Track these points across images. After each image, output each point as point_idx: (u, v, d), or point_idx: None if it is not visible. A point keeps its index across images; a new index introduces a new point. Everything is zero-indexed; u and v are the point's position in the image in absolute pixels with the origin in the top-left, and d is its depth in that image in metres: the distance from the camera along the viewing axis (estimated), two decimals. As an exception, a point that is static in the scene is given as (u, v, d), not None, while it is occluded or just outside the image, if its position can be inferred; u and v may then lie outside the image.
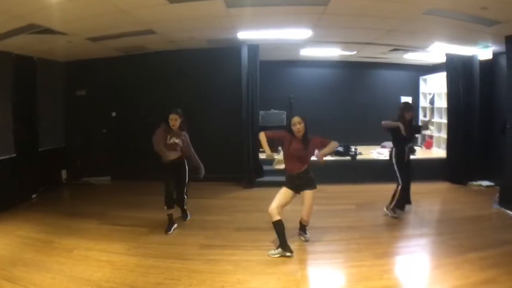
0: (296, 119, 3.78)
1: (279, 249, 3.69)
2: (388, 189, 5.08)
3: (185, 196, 4.79)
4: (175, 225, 4.50)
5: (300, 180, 3.87)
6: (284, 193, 3.84)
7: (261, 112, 7.02)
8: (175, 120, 4.38)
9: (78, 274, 3.31)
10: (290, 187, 3.87)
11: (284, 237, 3.71)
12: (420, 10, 4.17)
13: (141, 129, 4.90)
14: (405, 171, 4.80)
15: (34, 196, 5.89)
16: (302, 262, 3.64)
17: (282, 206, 3.79)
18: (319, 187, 6.04)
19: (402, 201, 4.87)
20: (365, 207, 5.35)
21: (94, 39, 5.26)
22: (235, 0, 3.96)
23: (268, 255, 3.69)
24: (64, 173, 6.92)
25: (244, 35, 5.56)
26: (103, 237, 4.22)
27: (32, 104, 6.05)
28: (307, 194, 3.88)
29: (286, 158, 3.91)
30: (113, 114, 6.89)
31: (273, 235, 3.87)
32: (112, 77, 6.77)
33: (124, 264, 3.53)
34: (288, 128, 3.85)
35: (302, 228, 4.12)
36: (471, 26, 4.65)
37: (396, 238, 4.27)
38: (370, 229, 4.52)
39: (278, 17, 4.66)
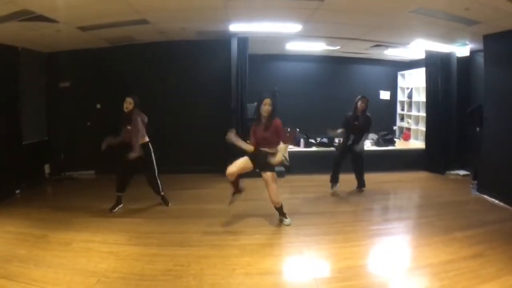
0: (267, 100, 4.04)
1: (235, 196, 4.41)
2: (371, 178, 5.62)
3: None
4: (121, 205, 4.82)
5: (263, 157, 4.11)
6: (246, 161, 4.16)
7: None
8: (129, 104, 4.51)
9: (81, 266, 3.24)
10: (251, 158, 4.15)
11: (238, 187, 4.38)
12: (408, 9, 4.36)
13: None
14: (341, 153, 5.60)
15: (17, 191, 5.66)
16: (306, 244, 3.78)
17: (241, 171, 4.18)
18: (309, 176, 6.43)
19: (334, 176, 5.60)
20: (352, 194, 5.63)
21: (84, 28, 5.13)
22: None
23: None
24: (47, 168, 6.69)
25: (235, 27, 5.59)
26: (100, 229, 4.11)
27: (15, 96, 5.80)
28: (267, 175, 4.13)
29: (255, 143, 4.16)
30: (98, 106, 6.73)
31: (272, 220, 4.27)
32: (97, 68, 6.61)
33: (128, 254, 3.49)
34: (256, 112, 4.14)
35: (279, 211, 4.34)
36: (452, 25, 4.91)
37: (387, 221, 4.59)
38: (362, 213, 4.83)
39: (273, 10, 4.71)
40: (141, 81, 6.53)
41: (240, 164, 4.16)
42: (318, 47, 7.36)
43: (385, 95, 8.94)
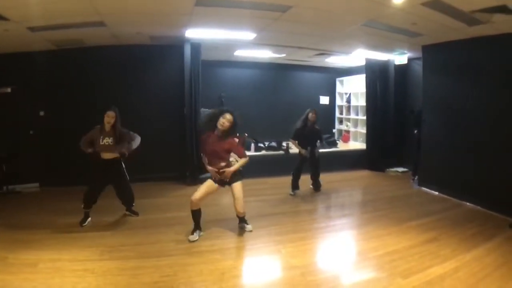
0: (228, 116, 3.92)
1: (195, 233, 4.03)
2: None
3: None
4: (89, 218, 4.53)
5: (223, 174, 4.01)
6: (209, 185, 4.01)
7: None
8: (111, 118, 4.35)
9: (58, 288, 2.97)
10: (214, 181, 4.04)
11: (199, 222, 4.09)
12: (361, 21, 4.76)
13: (74, 129, 4.52)
14: (301, 163, 5.83)
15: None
16: (281, 243, 3.94)
17: (205, 197, 4.02)
18: (261, 179, 6.63)
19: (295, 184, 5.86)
20: (308, 193, 5.99)
21: (34, 29, 4.72)
22: (205, -1, 4.00)
23: (189, 241, 3.95)
24: (-13, 182, 5.95)
25: (191, 33, 5.58)
26: (65, 246, 3.76)
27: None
28: (236, 186, 4.05)
29: (206, 155, 4.07)
30: (41, 113, 6.19)
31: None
32: (41, 73, 6.08)
33: (106, 270, 3.26)
34: (210, 121, 3.98)
35: (241, 220, 4.28)
36: (397, 37, 5.47)
37: (345, 216, 5.02)
38: (322, 211, 5.26)
39: (236, 18, 4.77)
40: (89, 87, 6.18)
41: (204, 189, 3.99)
42: (265, 54, 7.65)
43: (324, 100, 9.59)
